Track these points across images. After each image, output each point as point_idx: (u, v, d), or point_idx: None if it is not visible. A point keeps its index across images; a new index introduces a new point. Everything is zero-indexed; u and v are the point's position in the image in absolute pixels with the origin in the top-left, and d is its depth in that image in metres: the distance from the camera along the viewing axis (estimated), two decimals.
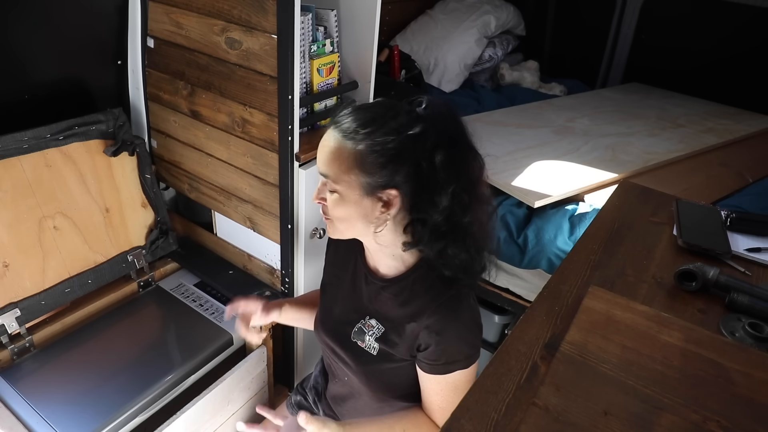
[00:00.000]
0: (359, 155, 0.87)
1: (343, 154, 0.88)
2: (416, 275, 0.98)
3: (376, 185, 0.88)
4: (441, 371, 0.95)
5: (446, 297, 0.95)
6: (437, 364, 0.95)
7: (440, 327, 0.94)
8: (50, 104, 1.50)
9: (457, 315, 0.95)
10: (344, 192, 0.90)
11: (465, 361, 0.95)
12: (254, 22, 1.30)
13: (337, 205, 0.91)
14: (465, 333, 0.96)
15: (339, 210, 0.92)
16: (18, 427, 1.24)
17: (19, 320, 1.38)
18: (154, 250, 1.70)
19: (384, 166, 0.87)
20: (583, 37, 3.00)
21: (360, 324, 1.04)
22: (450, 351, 0.94)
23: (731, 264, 1.06)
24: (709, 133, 2.19)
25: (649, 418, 0.67)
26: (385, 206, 0.90)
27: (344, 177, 0.89)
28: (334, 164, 0.89)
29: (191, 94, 1.54)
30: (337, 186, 0.90)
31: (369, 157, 0.87)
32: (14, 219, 1.36)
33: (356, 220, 0.92)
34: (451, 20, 2.62)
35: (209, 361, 1.50)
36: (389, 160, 0.86)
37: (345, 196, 0.90)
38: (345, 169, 0.88)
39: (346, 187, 0.89)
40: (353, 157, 0.87)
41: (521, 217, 1.69)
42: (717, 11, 2.56)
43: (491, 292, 1.85)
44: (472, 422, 0.71)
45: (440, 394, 0.98)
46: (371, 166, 0.87)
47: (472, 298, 0.99)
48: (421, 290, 0.96)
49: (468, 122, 0.92)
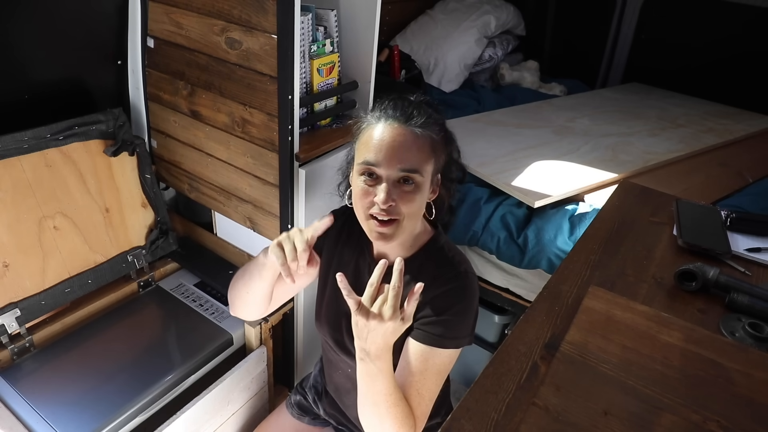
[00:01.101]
0: (435, 144, 0.93)
1: (425, 143, 0.92)
2: (425, 257, 1.01)
3: (436, 172, 0.96)
4: (436, 343, 0.94)
5: (458, 273, 0.98)
6: (434, 335, 0.94)
7: (448, 300, 0.95)
8: (50, 104, 1.50)
9: (465, 292, 0.97)
10: (424, 183, 0.93)
11: (459, 339, 0.96)
12: (254, 22, 1.30)
13: (413, 199, 0.92)
14: (469, 311, 0.97)
15: (413, 205, 0.92)
16: (18, 427, 1.24)
17: (19, 320, 1.38)
18: (154, 250, 1.70)
19: (441, 153, 0.95)
20: (583, 37, 3.00)
21: None
22: (451, 325, 0.94)
23: (731, 264, 1.06)
24: (709, 133, 2.19)
25: (649, 418, 0.67)
26: (433, 192, 0.97)
27: (426, 166, 0.92)
28: (418, 155, 0.91)
29: (191, 94, 1.54)
30: (422, 177, 0.92)
31: (439, 145, 0.94)
32: (14, 219, 1.36)
33: (421, 211, 0.96)
34: (451, 20, 2.62)
35: (209, 361, 1.50)
36: (443, 149, 0.96)
37: (423, 187, 0.93)
38: (426, 158, 0.92)
39: (426, 177, 0.93)
40: (432, 146, 0.93)
41: (521, 217, 1.69)
42: (717, 11, 2.56)
43: (491, 292, 1.85)
44: (472, 422, 0.71)
45: (423, 374, 0.95)
46: (439, 153, 0.94)
47: (477, 281, 1.02)
48: (432, 269, 0.99)
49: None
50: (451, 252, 1.02)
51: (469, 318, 0.97)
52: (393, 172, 0.89)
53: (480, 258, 1.84)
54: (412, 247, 1.02)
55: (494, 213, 1.71)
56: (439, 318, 0.94)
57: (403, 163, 0.89)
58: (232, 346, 1.56)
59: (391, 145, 0.89)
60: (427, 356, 0.94)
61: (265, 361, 1.61)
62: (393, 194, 0.89)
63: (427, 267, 0.99)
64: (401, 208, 0.91)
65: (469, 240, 1.76)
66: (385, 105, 0.95)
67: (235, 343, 1.57)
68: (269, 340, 1.60)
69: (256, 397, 1.63)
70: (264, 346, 1.59)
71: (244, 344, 1.60)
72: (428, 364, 0.94)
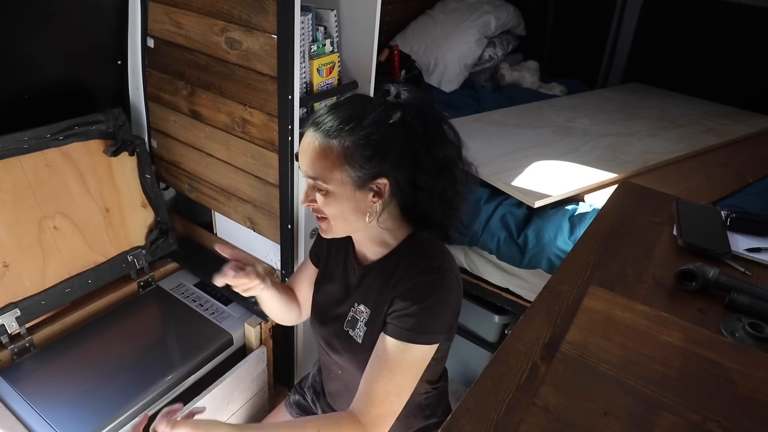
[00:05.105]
0: (347, 151, 0.90)
1: (331, 152, 0.90)
2: (401, 254, 1.01)
3: (366, 177, 0.91)
4: (405, 338, 0.93)
5: (429, 268, 0.97)
6: (403, 329, 0.93)
7: (418, 293, 0.94)
8: (50, 104, 1.49)
9: (437, 286, 0.96)
10: (335, 189, 0.92)
11: (430, 335, 0.94)
12: (254, 22, 1.30)
13: (329, 203, 0.93)
14: (440, 307, 0.95)
15: (332, 208, 0.94)
16: (18, 427, 1.24)
17: (19, 320, 1.38)
18: (154, 250, 1.69)
19: (371, 157, 0.90)
20: (583, 37, 3.00)
21: (351, 312, 1.06)
22: (422, 319, 0.93)
23: (731, 264, 1.06)
24: (709, 133, 2.19)
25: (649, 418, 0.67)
26: (376, 196, 0.94)
27: (334, 175, 0.91)
28: (322, 164, 0.91)
29: (191, 94, 1.54)
30: (328, 185, 0.92)
31: (356, 151, 0.90)
32: (14, 219, 1.36)
33: (349, 214, 0.95)
34: (451, 20, 2.62)
35: (209, 361, 1.50)
36: (376, 151, 0.90)
37: (337, 194, 0.92)
38: (334, 166, 0.90)
39: (337, 184, 0.92)
40: (341, 154, 0.90)
41: (521, 217, 1.69)
42: (717, 11, 2.56)
43: (491, 292, 1.85)
44: (472, 422, 0.71)
45: (392, 369, 0.94)
46: (360, 159, 0.90)
47: (455, 277, 0.99)
48: (405, 265, 0.99)
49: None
50: (429, 248, 1.00)
51: (442, 314, 0.95)
52: (306, 176, 0.94)
53: (480, 258, 1.84)
54: (384, 244, 1.02)
55: (494, 213, 1.71)
56: (407, 311, 0.94)
57: (308, 170, 0.93)
58: (232, 346, 1.56)
59: (301, 152, 0.94)
60: (397, 351, 0.94)
61: (265, 361, 1.61)
62: (311, 196, 0.94)
63: (401, 264, 1.00)
64: (323, 209, 0.95)
65: (469, 240, 1.76)
66: (318, 109, 0.97)
67: (235, 343, 1.57)
68: (269, 340, 1.61)
69: (256, 397, 1.63)
70: (264, 346, 1.59)
71: (244, 344, 1.60)
72: (397, 359, 0.94)
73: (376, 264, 1.04)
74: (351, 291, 1.08)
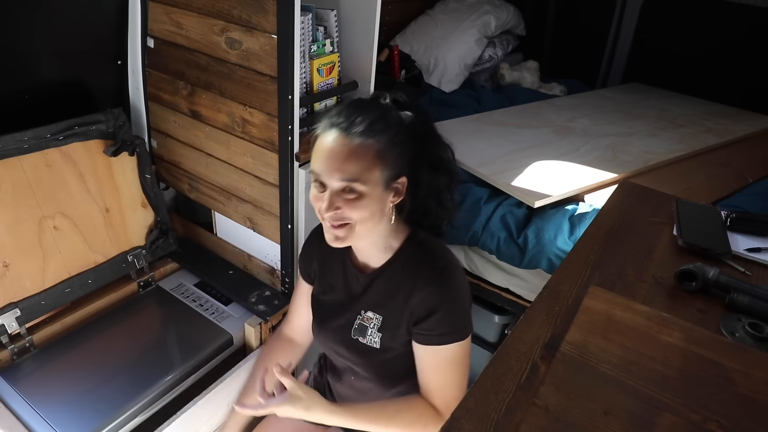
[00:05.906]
0: (381, 151, 0.91)
1: (369, 151, 0.90)
2: (405, 257, 1.02)
3: (392, 176, 0.93)
4: (437, 342, 0.97)
5: (437, 270, 0.99)
6: (432, 335, 0.97)
7: (434, 298, 0.97)
8: (50, 104, 1.49)
9: (449, 286, 0.98)
10: (370, 191, 0.91)
11: (460, 332, 0.98)
12: (254, 22, 1.30)
13: (360, 206, 0.92)
14: (458, 303, 0.99)
15: (362, 211, 0.92)
16: (18, 427, 1.24)
17: (19, 320, 1.38)
18: (154, 250, 1.69)
19: (399, 156, 0.92)
20: (583, 37, 3.00)
21: (358, 320, 1.06)
22: (445, 321, 0.97)
23: (731, 264, 1.06)
24: (709, 133, 2.19)
25: (649, 418, 0.67)
26: (396, 195, 0.95)
27: (372, 175, 0.91)
28: (360, 164, 0.90)
29: (191, 94, 1.54)
30: (364, 186, 0.90)
31: (388, 151, 0.91)
32: (14, 219, 1.36)
33: (377, 216, 0.95)
34: (451, 20, 2.62)
35: (209, 361, 1.49)
36: (402, 151, 0.93)
37: (370, 195, 0.92)
38: (373, 165, 0.90)
39: (373, 185, 0.91)
40: (378, 154, 0.90)
41: (521, 217, 1.69)
42: (717, 11, 2.56)
43: (491, 292, 1.85)
44: (472, 422, 0.71)
45: (437, 370, 1.00)
46: (390, 158, 0.92)
47: (461, 271, 1.03)
48: (411, 268, 1.00)
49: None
50: (430, 247, 1.03)
51: (462, 308, 1.00)
52: (334, 182, 0.91)
53: (480, 258, 1.84)
54: (389, 248, 1.03)
55: (494, 213, 1.71)
56: (432, 318, 0.97)
57: (343, 173, 0.90)
58: (232, 346, 1.56)
59: (330, 156, 0.91)
60: (435, 353, 0.98)
61: None
62: (337, 202, 0.92)
63: (407, 268, 1.01)
64: (350, 214, 0.92)
65: (469, 240, 1.76)
66: (333, 112, 0.96)
67: (235, 343, 1.57)
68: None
69: None
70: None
71: (244, 344, 1.60)
72: (438, 360, 0.99)
73: (380, 270, 1.04)
74: (355, 300, 1.08)
